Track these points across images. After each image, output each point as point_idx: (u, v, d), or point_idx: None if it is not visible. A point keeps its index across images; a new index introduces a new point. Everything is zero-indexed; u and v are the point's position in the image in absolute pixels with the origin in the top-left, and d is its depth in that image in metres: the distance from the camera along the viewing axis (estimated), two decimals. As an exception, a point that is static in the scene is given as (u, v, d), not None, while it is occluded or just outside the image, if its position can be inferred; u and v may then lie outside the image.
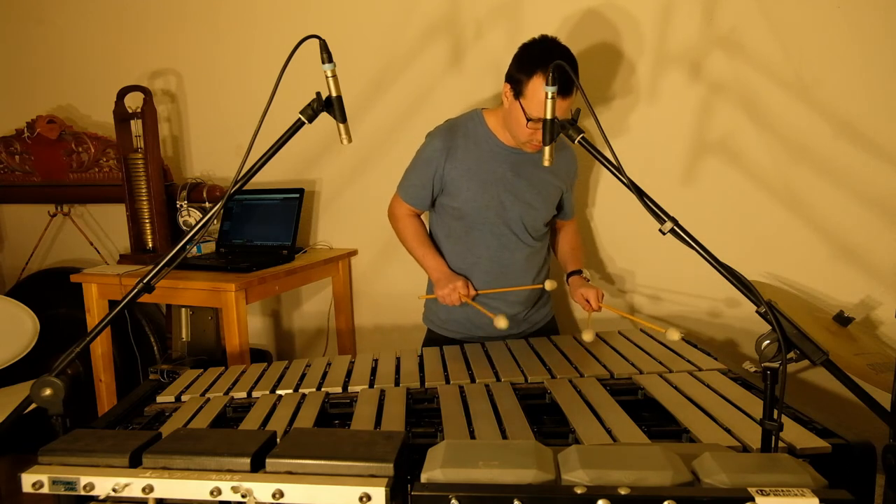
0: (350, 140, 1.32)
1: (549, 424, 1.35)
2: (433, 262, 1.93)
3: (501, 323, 1.72)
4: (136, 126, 2.64)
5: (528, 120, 1.70)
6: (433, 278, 1.93)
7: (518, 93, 1.70)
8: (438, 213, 1.99)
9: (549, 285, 1.96)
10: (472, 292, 1.88)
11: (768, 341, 1.03)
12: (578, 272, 1.97)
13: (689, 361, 1.61)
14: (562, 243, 2.10)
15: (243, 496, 0.89)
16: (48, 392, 1.06)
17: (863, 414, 1.32)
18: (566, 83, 1.60)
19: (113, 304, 1.85)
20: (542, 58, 1.65)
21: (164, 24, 2.82)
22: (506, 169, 1.86)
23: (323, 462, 0.91)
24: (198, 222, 1.28)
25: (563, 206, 2.04)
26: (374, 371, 1.66)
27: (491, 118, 1.88)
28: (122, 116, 2.63)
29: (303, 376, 1.65)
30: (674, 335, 1.59)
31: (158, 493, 0.91)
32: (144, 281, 1.22)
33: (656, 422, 1.32)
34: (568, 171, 1.98)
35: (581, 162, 2.13)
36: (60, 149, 2.90)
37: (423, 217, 2.05)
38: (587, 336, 1.77)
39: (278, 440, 1.02)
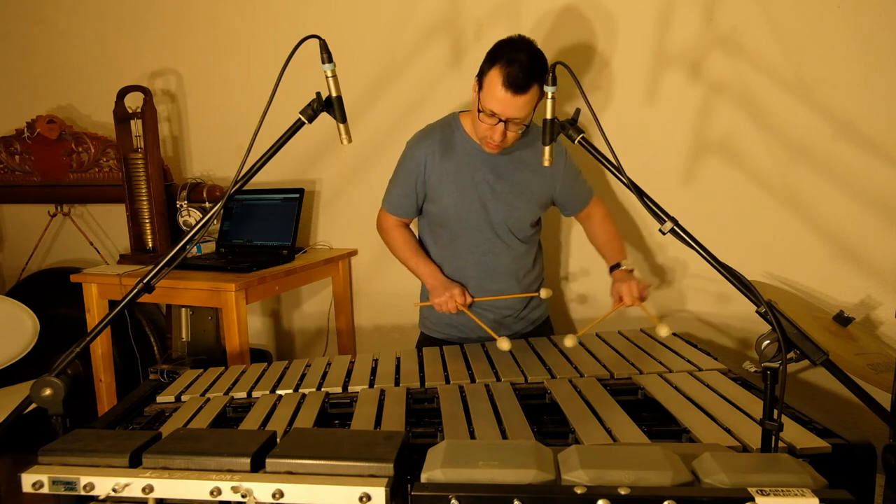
0: (350, 140, 1.32)
1: (549, 424, 1.35)
2: (427, 268, 1.91)
3: (505, 345, 1.66)
4: (136, 126, 2.64)
5: (481, 111, 1.68)
6: (428, 286, 1.90)
7: (480, 86, 1.68)
8: (425, 221, 1.98)
9: (544, 293, 1.93)
10: (469, 300, 1.85)
11: (768, 341, 1.03)
12: (618, 265, 1.86)
13: (689, 361, 1.61)
14: (596, 236, 2.00)
15: (243, 496, 0.89)
16: (48, 392, 1.06)
17: (863, 414, 1.32)
18: (520, 81, 1.59)
19: (113, 304, 1.85)
20: (503, 51, 1.63)
21: (164, 25, 2.82)
22: (486, 171, 1.83)
23: (323, 462, 0.91)
24: (198, 222, 1.28)
25: (568, 200, 1.96)
26: (374, 371, 1.66)
27: (466, 120, 1.86)
28: (122, 116, 2.63)
29: (303, 376, 1.65)
30: (663, 331, 1.61)
31: (158, 493, 0.91)
32: (144, 281, 1.22)
33: (656, 422, 1.32)
34: (554, 165, 1.86)
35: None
36: (60, 149, 2.90)
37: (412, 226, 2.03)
38: (568, 342, 1.63)
39: (278, 440, 1.02)
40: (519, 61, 1.59)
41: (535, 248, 2.00)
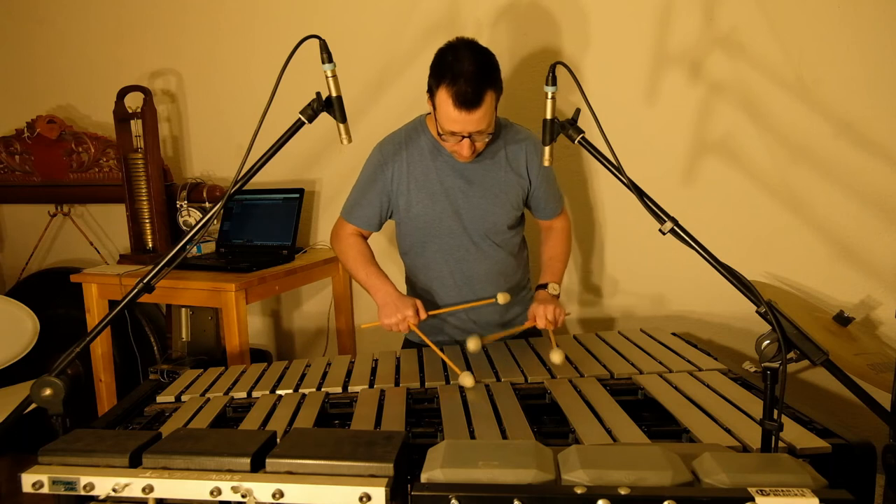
0: (350, 140, 1.32)
1: (549, 424, 1.35)
2: (377, 281, 1.76)
3: (467, 381, 1.49)
4: (136, 126, 2.64)
5: (440, 134, 1.62)
6: (378, 302, 1.74)
7: (433, 105, 1.61)
8: (397, 230, 1.89)
9: (501, 298, 1.78)
10: (423, 315, 1.69)
11: (768, 341, 1.03)
12: (544, 286, 1.82)
13: (689, 361, 1.61)
14: (543, 250, 1.94)
15: (243, 496, 0.89)
16: (48, 392, 1.06)
17: (863, 414, 1.32)
18: (470, 97, 1.51)
19: (113, 304, 1.85)
20: (448, 68, 1.54)
21: (164, 24, 2.82)
22: (455, 176, 1.75)
23: (323, 462, 0.91)
24: (198, 222, 1.28)
25: (539, 203, 1.87)
26: (374, 371, 1.66)
27: (433, 124, 1.74)
28: (122, 116, 2.63)
29: (303, 376, 1.65)
30: (556, 357, 1.58)
31: (158, 493, 0.91)
32: (144, 281, 1.22)
33: (656, 422, 1.32)
34: (529, 164, 1.79)
35: (577, 159, 2.13)
36: (60, 149, 2.90)
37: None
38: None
39: (278, 440, 1.02)
40: (464, 75, 1.51)
41: (516, 250, 1.90)
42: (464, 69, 1.52)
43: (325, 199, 2.72)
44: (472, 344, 1.69)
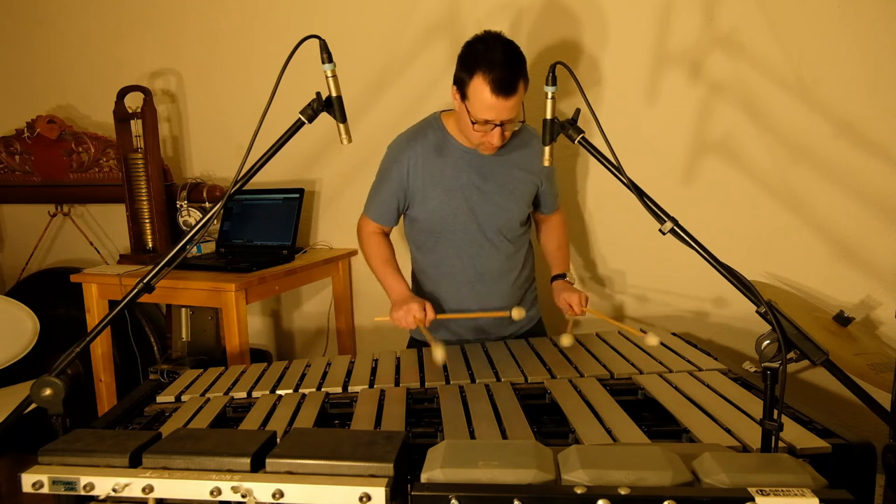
0: (350, 140, 1.32)
1: (549, 424, 1.35)
2: (393, 282, 1.84)
3: (438, 355, 1.53)
4: (136, 126, 2.64)
5: (474, 123, 1.64)
6: (391, 299, 1.83)
7: (463, 94, 1.64)
8: (409, 226, 1.93)
9: (516, 314, 1.78)
10: (431, 316, 1.74)
11: (768, 341, 1.03)
12: (562, 276, 1.91)
13: (689, 361, 1.61)
14: (546, 242, 2.02)
15: (243, 496, 0.89)
16: (48, 392, 1.06)
17: (863, 414, 1.31)
18: (507, 84, 1.56)
19: (113, 304, 1.85)
20: (483, 57, 1.58)
21: (164, 24, 2.82)
22: (471, 172, 1.79)
23: (323, 462, 0.91)
24: (198, 222, 1.28)
25: (543, 200, 1.95)
26: (374, 371, 1.66)
27: (449, 121, 1.81)
28: (122, 116, 2.63)
29: (303, 376, 1.65)
30: (652, 340, 1.59)
31: (158, 493, 0.91)
32: (144, 281, 1.22)
33: (656, 422, 1.32)
34: (539, 164, 1.83)
35: (574, 158, 2.12)
36: (60, 149, 2.90)
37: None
38: (565, 341, 1.70)
39: (278, 440, 1.02)
40: (499, 63, 1.56)
41: (525, 247, 1.95)
42: (498, 58, 1.57)
43: (325, 199, 2.72)
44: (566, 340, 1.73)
